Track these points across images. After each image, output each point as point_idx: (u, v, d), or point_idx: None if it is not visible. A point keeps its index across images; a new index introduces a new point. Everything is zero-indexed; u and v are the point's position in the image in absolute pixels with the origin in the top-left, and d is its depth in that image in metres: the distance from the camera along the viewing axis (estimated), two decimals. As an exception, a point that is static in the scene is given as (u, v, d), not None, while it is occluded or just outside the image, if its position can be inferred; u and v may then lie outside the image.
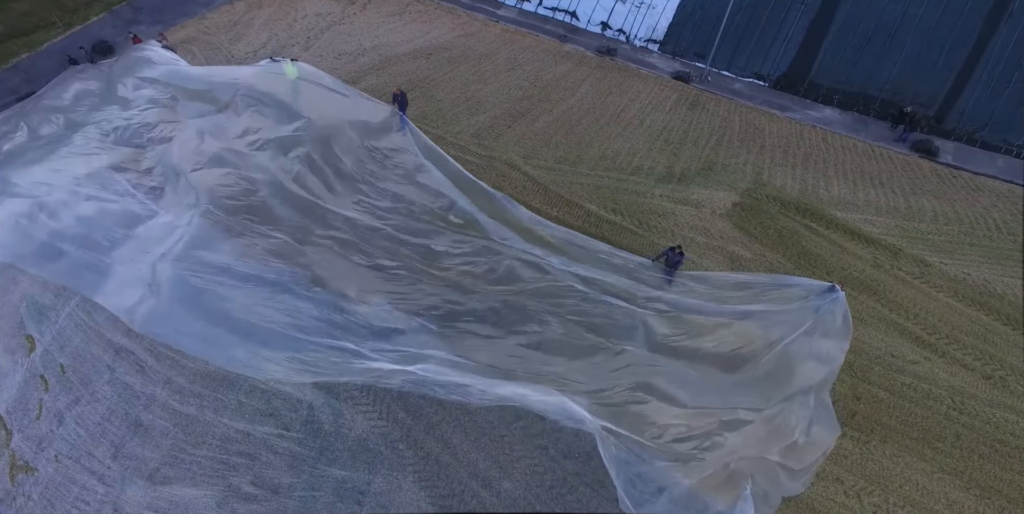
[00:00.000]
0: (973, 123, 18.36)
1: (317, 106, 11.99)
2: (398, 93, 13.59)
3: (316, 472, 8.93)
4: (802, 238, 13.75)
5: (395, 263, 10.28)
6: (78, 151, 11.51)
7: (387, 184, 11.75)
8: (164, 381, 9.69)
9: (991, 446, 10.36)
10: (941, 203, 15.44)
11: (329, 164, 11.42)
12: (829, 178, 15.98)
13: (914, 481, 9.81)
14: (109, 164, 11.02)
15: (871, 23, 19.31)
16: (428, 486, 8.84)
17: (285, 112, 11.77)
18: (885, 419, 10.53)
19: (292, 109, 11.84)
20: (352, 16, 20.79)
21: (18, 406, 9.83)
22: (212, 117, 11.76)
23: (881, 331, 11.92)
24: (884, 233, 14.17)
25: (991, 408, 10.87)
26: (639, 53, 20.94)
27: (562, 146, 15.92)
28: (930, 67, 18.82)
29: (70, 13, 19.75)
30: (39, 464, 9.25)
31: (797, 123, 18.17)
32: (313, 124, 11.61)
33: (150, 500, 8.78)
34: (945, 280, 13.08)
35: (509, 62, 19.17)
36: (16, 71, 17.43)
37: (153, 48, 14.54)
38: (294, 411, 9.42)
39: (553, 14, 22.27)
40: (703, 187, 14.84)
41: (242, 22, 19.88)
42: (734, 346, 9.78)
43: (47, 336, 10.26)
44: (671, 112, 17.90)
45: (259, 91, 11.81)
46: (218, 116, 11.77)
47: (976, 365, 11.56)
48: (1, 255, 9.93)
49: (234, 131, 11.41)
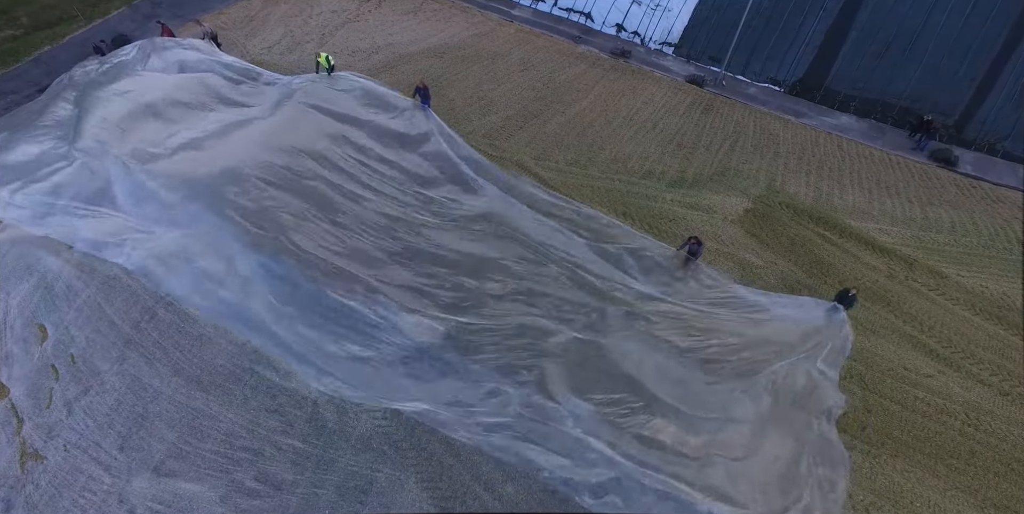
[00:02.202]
0: (994, 133, 17.98)
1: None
2: (421, 86, 14.17)
3: (319, 469, 8.93)
4: (815, 246, 13.54)
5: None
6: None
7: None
8: (171, 374, 9.76)
9: (1007, 464, 10.10)
10: (959, 214, 15.13)
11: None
12: (844, 186, 15.74)
13: (925, 498, 9.59)
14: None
15: (891, 29, 18.98)
16: (431, 487, 8.81)
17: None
18: (897, 433, 10.32)
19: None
20: (367, 13, 20.86)
21: (30, 394, 9.95)
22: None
23: (894, 343, 11.69)
24: (899, 243, 13.91)
25: (1008, 425, 10.60)
26: (653, 56, 20.78)
27: (573, 148, 15.82)
28: (951, 75, 18.45)
29: (91, 6, 20.03)
30: (48, 453, 9.36)
31: (812, 129, 17.92)
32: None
33: (155, 492, 8.84)
34: (962, 292, 12.80)
35: (522, 62, 19.11)
36: (38, 63, 17.70)
37: (184, 45, 15.09)
38: (299, 408, 9.44)
39: (568, 15, 22.17)
40: (715, 192, 14.67)
41: (258, 18, 20.02)
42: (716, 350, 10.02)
43: (59, 326, 10.38)
44: (684, 116, 17.74)
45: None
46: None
47: (993, 381, 11.30)
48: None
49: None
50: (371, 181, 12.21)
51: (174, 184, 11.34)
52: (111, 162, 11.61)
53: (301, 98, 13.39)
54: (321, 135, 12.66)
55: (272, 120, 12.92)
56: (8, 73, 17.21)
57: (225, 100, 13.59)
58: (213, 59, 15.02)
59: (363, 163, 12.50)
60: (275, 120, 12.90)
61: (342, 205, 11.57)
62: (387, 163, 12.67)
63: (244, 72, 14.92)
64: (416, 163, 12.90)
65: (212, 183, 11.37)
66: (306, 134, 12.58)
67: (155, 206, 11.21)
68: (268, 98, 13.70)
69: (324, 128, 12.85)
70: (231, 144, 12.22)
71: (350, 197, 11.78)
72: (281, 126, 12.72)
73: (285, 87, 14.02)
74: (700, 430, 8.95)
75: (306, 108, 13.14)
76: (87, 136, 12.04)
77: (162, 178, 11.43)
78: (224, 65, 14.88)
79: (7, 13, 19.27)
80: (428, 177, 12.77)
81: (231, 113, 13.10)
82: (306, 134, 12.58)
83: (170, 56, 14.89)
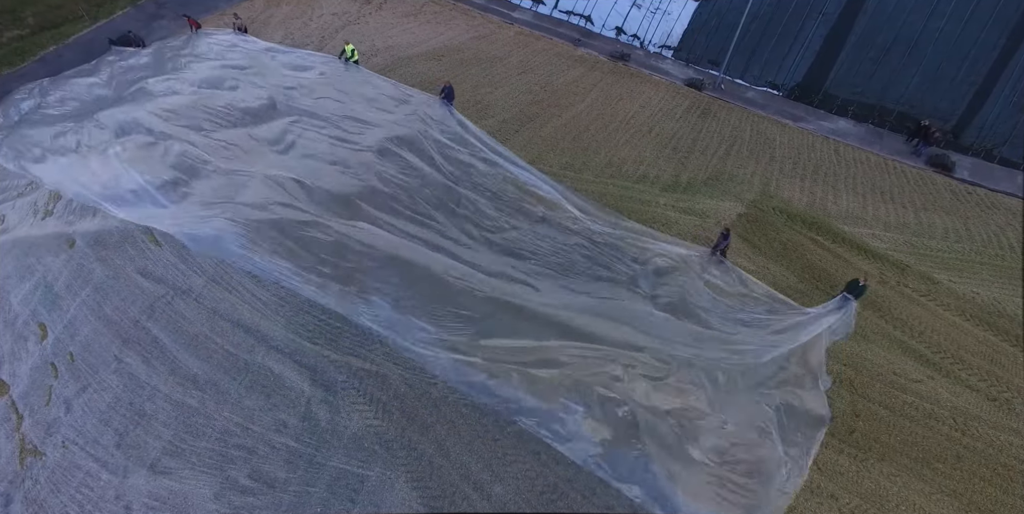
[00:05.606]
0: (992, 138, 18.00)
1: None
2: (447, 86, 14.99)
3: (312, 468, 9.08)
4: (807, 251, 13.61)
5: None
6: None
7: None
8: (168, 372, 9.92)
9: (993, 470, 10.17)
10: (953, 220, 15.16)
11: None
12: (838, 191, 15.79)
13: (911, 501, 9.67)
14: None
15: (891, 35, 19.02)
16: (420, 487, 8.94)
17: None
18: (884, 437, 10.40)
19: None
20: (367, 16, 21.00)
21: (30, 391, 10.14)
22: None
23: (884, 348, 11.77)
24: (892, 249, 13.96)
25: (995, 431, 10.67)
26: (652, 59, 20.86)
27: (568, 152, 15.92)
28: (950, 80, 18.48)
29: (96, 6, 20.27)
30: (47, 449, 9.54)
31: (809, 134, 17.97)
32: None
33: (151, 489, 9.00)
34: (953, 298, 12.86)
35: (521, 65, 19.22)
36: (44, 63, 17.94)
37: (217, 36, 15.82)
38: (292, 407, 9.59)
39: (568, 17, 22.26)
40: (709, 197, 14.74)
41: (260, 19, 20.20)
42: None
43: (59, 324, 10.56)
44: (681, 120, 17.81)
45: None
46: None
47: (981, 386, 11.36)
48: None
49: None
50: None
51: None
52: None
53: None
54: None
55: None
56: (15, 73, 17.45)
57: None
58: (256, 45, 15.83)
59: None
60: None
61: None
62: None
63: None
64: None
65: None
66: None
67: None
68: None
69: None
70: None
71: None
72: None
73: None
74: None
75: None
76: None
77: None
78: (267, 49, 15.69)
79: (13, 13, 19.53)
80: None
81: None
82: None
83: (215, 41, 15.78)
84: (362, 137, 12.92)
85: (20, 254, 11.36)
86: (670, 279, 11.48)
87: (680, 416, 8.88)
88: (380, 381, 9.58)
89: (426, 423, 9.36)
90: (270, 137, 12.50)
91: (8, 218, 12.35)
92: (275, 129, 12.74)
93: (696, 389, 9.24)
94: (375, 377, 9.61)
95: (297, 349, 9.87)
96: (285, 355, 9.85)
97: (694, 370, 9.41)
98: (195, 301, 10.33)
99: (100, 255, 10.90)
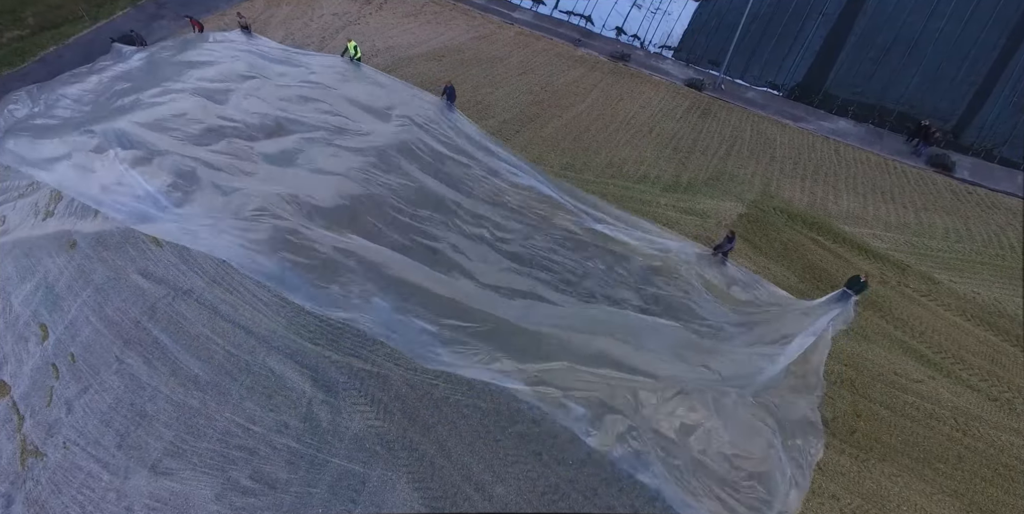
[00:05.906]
0: (992, 138, 18.02)
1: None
2: (448, 85, 15.01)
3: (313, 469, 9.08)
4: (808, 251, 13.61)
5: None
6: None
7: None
8: (169, 373, 9.92)
9: (994, 470, 10.18)
10: (953, 219, 15.18)
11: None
12: (839, 191, 15.80)
13: (912, 502, 9.68)
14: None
15: (891, 35, 19.04)
16: (421, 487, 8.94)
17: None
18: (885, 437, 10.41)
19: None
20: (368, 16, 21.01)
21: (31, 392, 10.13)
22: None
23: (885, 348, 11.77)
24: (892, 249, 13.97)
25: (996, 431, 10.68)
26: (653, 59, 20.86)
27: (569, 152, 15.93)
28: (950, 81, 18.50)
29: (97, 7, 20.27)
30: (48, 450, 9.54)
31: (810, 134, 17.97)
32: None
33: (152, 489, 9.00)
34: (953, 298, 12.86)
35: (521, 65, 19.22)
36: (44, 64, 17.94)
37: (224, 37, 15.76)
38: (294, 408, 9.59)
39: (568, 18, 22.26)
40: (709, 197, 14.75)
41: (260, 20, 20.20)
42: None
43: (60, 325, 10.56)
44: (681, 120, 17.82)
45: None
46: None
47: (982, 386, 11.37)
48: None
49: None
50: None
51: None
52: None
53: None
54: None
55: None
56: (15, 73, 17.44)
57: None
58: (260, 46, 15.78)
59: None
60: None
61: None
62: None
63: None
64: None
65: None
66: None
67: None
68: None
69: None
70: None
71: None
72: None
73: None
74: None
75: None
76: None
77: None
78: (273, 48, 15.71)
79: (14, 13, 19.53)
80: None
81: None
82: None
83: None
84: (362, 145, 12.79)
85: (21, 255, 11.36)
86: (670, 280, 11.46)
87: (684, 427, 8.84)
88: (381, 382, 9.58)
89: (427, 424, 9.36)
90: (268, 150, 12.23)
91: (9, 219, 12.35)
92: (276, 142, 12.46)
93: (699, 400, 9.19)
94: (376, 378, 9.61)
95: (298, 350, 9.87)
96: (286, 356, 9.85)
97: (696, 393, 9.33)
98: (196, 302, 10.33)
99: (101, 256, 10.90)
